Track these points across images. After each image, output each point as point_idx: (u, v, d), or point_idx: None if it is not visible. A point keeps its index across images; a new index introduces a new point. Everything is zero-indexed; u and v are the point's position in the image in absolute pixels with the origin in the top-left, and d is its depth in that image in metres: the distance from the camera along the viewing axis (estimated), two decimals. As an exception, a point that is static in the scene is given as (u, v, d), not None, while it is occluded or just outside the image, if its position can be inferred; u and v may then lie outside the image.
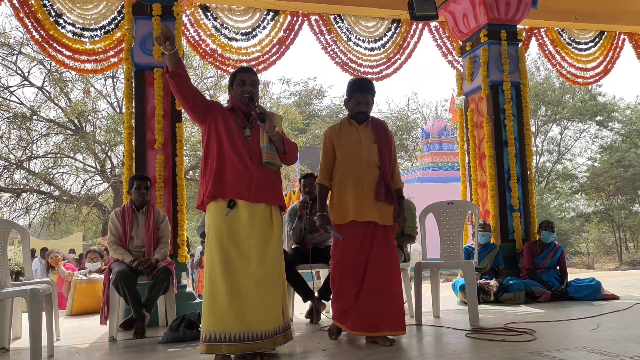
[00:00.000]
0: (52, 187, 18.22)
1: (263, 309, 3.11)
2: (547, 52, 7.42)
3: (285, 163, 3.39)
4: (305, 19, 6.45)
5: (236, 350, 3.05)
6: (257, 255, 3.14)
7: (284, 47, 6.35)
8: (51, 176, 18.01)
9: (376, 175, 3.61)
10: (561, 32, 7.45)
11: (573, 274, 6.74)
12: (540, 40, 7.36)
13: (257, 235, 3.17)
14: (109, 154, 18.68)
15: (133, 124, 5.34)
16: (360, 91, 3.68)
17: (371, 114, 3.79)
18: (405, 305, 4.01)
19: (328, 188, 3.72)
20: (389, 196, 3.61)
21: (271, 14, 6.30)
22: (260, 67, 6.26)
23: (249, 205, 3.18)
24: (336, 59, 6.66)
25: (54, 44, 5.47)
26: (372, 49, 6.77)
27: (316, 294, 4.71)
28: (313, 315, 4.65)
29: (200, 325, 4.05)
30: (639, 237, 27.27)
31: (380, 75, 6.81)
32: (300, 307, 5.01)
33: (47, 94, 17.45)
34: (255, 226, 3.17)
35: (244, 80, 3.34)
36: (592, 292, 5.39)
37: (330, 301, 4.82)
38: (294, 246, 4.87)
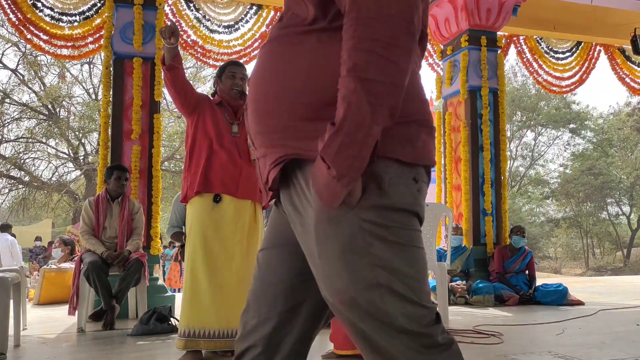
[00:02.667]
0: (22, 172, 17.88)
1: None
2: (525, 60, 7.53)
3: None
4: (288, 15, 6.43)
5: (214, 347, 3.01)
6: (241, 252, 3.12)
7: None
8: (22, 161, 17.67)
9: None
10: (540, 41, 7.57)
11: (541, 278, 6.87)
12: (519, 48, 7.48)
13: (241, 232, 3.14)
14: (82, 141, 18.39)
15: (110, 113, 5.27)
16: None
17: None
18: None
19: None
20: None
21: (254, 8, 6.27)
22: (241, 61, 6.22)
23: (235, 201, 3.15)
24: (318, 57, 6.65)
25: (31, 28, 5.36)
26: (354, 48, 6.78)
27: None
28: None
29: (172, 319, 4.05)
30: (605, 244, 27.92)
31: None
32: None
33: (21, 77, 17.09)
34: (241, 223, 3.15)
35: (234, 74, 3.28)
36: (559, 298, 5.51)
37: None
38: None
